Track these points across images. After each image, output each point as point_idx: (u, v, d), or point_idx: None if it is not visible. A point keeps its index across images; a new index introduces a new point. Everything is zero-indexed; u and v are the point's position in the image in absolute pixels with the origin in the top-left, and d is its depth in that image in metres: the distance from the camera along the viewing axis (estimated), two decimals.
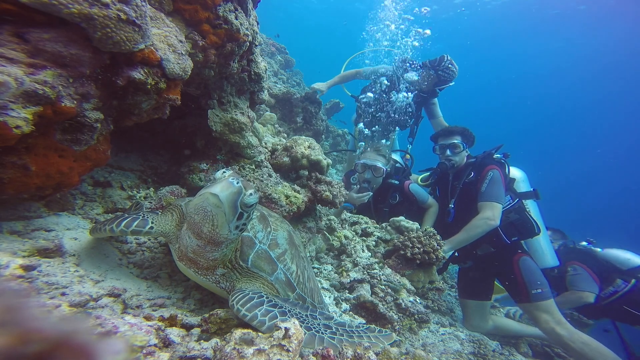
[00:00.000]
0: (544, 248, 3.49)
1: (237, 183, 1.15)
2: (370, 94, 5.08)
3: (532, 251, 3.45)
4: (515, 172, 3.70)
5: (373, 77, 5.17)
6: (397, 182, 3.82)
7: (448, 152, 3.62)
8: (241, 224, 1.24)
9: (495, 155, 3.66)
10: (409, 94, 4.94)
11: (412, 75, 4.75)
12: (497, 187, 3.25)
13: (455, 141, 3.60)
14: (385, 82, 5.01)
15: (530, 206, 3.56)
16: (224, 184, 1.15)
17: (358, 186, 3.75)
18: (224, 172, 1.21)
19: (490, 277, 3.43)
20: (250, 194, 1.18)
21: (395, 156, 4.47)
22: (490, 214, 3.13)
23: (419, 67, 4.84)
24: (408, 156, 4.55)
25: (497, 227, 3.15)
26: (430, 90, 4.89)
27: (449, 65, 4.60)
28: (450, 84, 4.73)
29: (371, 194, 3.64)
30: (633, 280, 3.59)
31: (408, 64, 4.90)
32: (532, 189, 3.67)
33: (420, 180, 4.28)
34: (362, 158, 3.83)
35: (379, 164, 3.72)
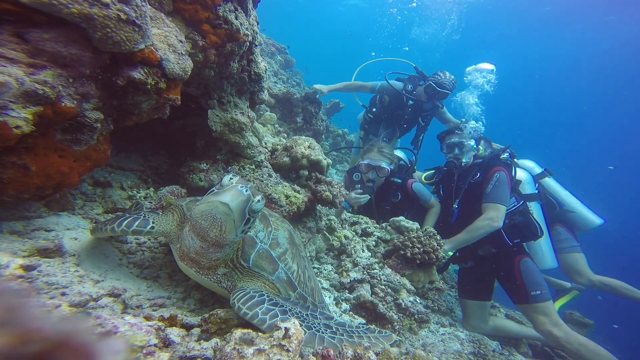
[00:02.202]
0: (544, 250, 3.50)
1: (246, 191, 1.17)
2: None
3: (532, 253, 3.46)
4: (520, 174, 3.70)
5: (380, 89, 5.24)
6: (399, 180, 3.81)
7: (457, 150, 3.60)
8: (247, 228, 1.26)
9: (502, 156, 3.64)
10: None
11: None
12: (503, 189, 3.25)
13: (464, 140, 3.59)
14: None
15: (534, 208, 3.56)
16: (234, 192, 1.15)
17: (360, 185, 3.75)
18: (231, 178, 1.21)
19: (490, 278, 3.43)
20: (258, 201, 1.21)
21: (399, 153, 4.46)
22: (494, 215, 3.13)
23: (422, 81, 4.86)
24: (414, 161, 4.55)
25: (500, 228, 3.15)
26: (432, 106, 4.92)
27: (438, 74, 4.63)
28: (449, 93, 4.73)
29: (369, 196, 3.63)
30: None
31: (421, 80, 4.92)
32: (536, 191, 3.67)
33: (424, 179, 4.26)
34: (366, 158, 3.81)
35: (383, 164, 3.71)
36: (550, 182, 4.02)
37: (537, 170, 4.01)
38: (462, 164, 3.58)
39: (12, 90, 0.97)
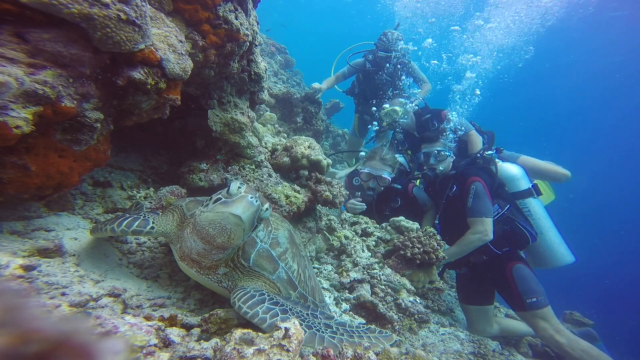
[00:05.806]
0: (554, 246, 3.38)
1: (256, 202, 1.18)
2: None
3: (541, 252, 3.38)
4: (511, 169, 3.53)
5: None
6: (399, 186, 3.75)
7: (432, 160, 3.49)
8: (253, 233, 1.30)
9: (486, 153, 3.52)
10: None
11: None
12: (483, 201, 3.16)
13: (439, 148, 3.48)
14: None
15: (534, 204, 3.44)
16: (245, 204, 1.15)
17: (360, 192, 3.69)
18: (239, 187, 1.20)
19: (487, 283, 3.37)
20: (266, 209, 1.24)
21: (400, 158, 4.43)
22: (483, 229, 3.07)
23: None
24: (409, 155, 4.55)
25: (491, 240, 3.09)
26: (385, 56, 5.27)
27: (382, 37, 5.19)
28: (400, 50, 5.12)
29: (365, 207, 3.55)
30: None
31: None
32: (530, 186, 3.48)
33: (418, 183, 4.24)
34: (367, 166, 3.72)
35: (385, 174, 3.63)
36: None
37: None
38: (438, 174, 3.49)
39: (12, 90, 0.97)
